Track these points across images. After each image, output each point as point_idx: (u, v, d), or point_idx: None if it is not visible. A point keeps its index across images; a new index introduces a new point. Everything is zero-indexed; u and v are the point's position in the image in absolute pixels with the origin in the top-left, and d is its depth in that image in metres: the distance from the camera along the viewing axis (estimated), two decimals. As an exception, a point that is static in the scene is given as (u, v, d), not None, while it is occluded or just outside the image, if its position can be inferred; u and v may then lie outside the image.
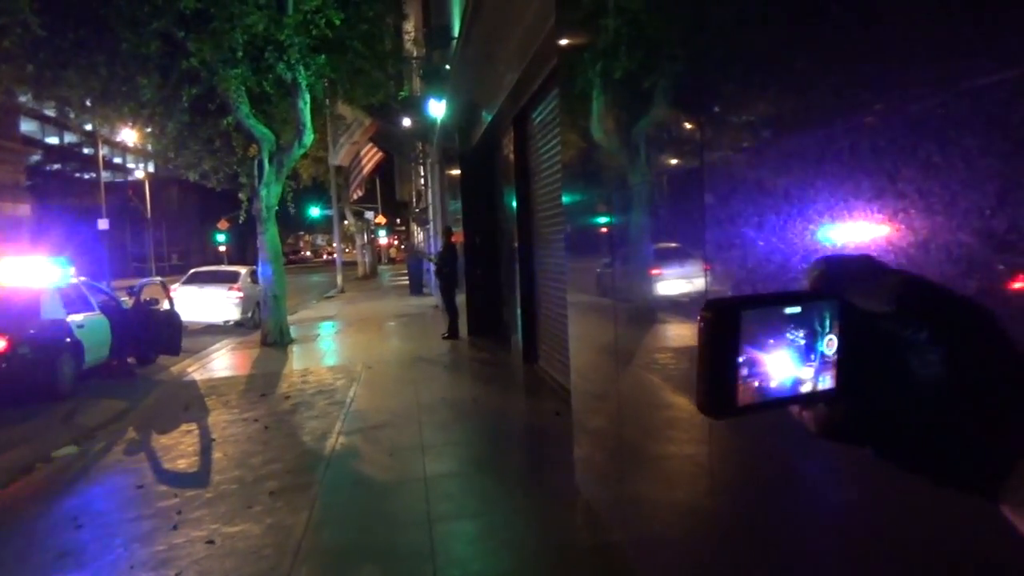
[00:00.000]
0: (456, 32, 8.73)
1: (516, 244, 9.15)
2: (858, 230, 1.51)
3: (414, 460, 5.61)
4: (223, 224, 44.37)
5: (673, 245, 2.94)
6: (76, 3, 9.66)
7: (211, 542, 4.18)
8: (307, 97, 11.82)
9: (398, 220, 65.57)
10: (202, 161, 12.59)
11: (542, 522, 4.28)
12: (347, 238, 56.14)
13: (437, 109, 11.66)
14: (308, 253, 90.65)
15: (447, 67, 10.17)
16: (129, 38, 9.62)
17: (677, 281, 2.97)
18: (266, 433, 6.78)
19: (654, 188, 3.01)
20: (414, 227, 47.66)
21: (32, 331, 8.74)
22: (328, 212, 45.48)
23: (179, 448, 6.42)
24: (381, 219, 44.91)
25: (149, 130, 11.80)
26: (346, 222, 36.48)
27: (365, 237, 40.29)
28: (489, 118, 9.39)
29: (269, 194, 12.37)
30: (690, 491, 2.96)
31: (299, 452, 6.08)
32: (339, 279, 27.48)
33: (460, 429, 6.74)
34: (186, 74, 10.61)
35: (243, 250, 60.36)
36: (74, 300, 9.89)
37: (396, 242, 71.93)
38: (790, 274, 1.84)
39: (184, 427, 7.21)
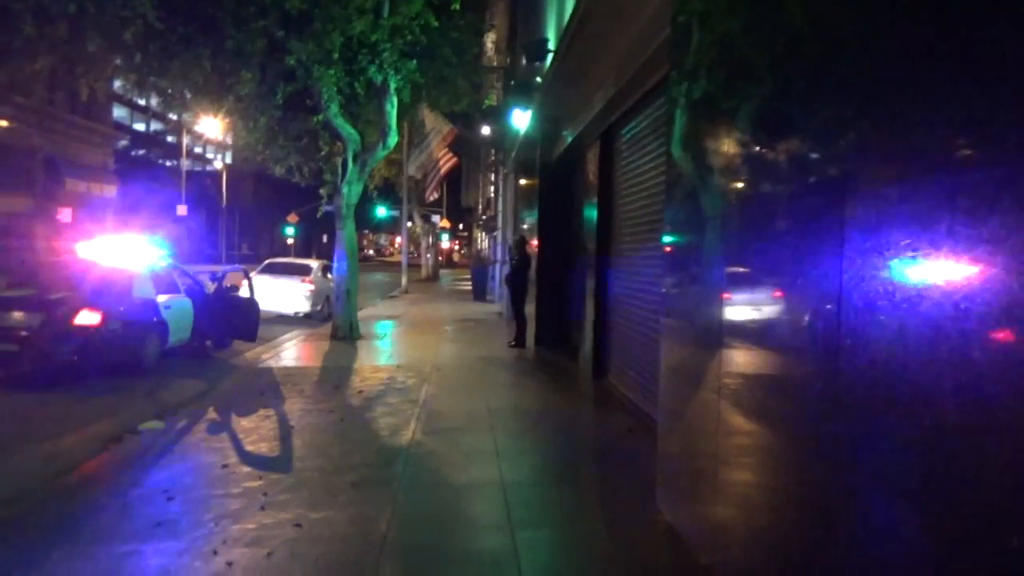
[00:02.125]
0: (553, 46, 8.81)
1: (592, 258, 9.16)
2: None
3: (490, 465, 5.66)
4: (292, 218, 45.57)
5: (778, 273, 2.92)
6: (188, 0, 10.11)
7: (299, 525, 4.30)
8: (395, 100, 12.10)
9: (460, 225, 66.30)
10: (289, 156, 12.98)
11: (624, 539, 4.28)
12: (411, 240, 56.90)
13: (521, 120, 11.78)
14: (371, 252, 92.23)
15: (538, 79, 10.28)
16: (234, 35, 10.02)
17: (790, 308, 2.95)
18: (342, 425, 6.94)
19: (782, 213, 2.99)
20: (477, 233, 48.11)
21: (123, 309, 9.13)
22: (393, 213, 46.38)
23: (259, 432, 6.62)
24: (446, 223, 45.43)
25: (241, 124, 12.18)
26: (410, 224, 36.92)
27: (430, 240, 40.77)
28: (575, 132, 9.44)
29: (350, 192, 12.68)
30: (785, 523, 2.93)
31: (376, 447, 6.21)
32: (404, 280, 27.89)
33: (533, 438, 6.77)
34: (282, 72, 10.98)
35: (309, 244, 62.03)
36: (163, 282, 10.30)
37: (458, 247, 72.65)
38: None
39: (262, 412, 7.43)
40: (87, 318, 8.55)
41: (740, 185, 3.50)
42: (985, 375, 1.78)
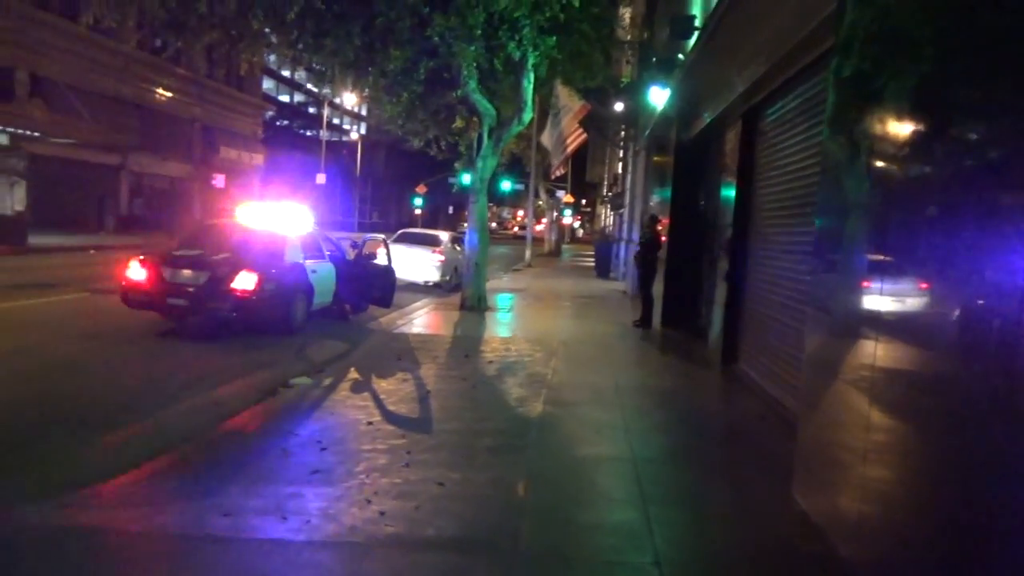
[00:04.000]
0: (699, 22, 8.62)
1: (728, 241, 8.98)
2: None
3: (619, 440, 5.76)
4: (421, 188, 47.01)
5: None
6: (341, -21, 10.62)
7: (441, 484, 4.57)
8: (531, 76, 12.23)
9: (583, 201, 66.03)
10: (427, 130, 13.40)
11: (759, 523, 4.27)
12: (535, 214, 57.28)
13: (659, 97, 11.62)
14: (494, 224, 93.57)
15: (680, 56, 10.09)
16: (385, 13, 10.44)
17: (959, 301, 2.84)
18: (475, 392, 7.23)
19: (957, 200, 2.88)
20: (601, 209, 47.82)
21: (276, 271, 9.81)
22: (517, 187, 46.84)
23: (399, 393, 7.00)
24: (569, 198, 45.42)
25: (385, 98, 12.68)
26: (539, 200, 37.18)
27: (554, 215, 40.92)
28: (716, 111, 9.23)
29: (485, 166, 12.98)
30: (932, 524, 2.86)
31: (508, 415, 6.43)
32: (528, 253, 28.23)
33: (662, 417, 6.81)
34: (425, 48, 11.33)
35: (436, 215, 63.83)
36: (310, 247, 10.97)
37: (579, 222, 72.48)
38: None
39: (400, 375, 7.83)
40: (245, 279, 9.26)
41: (909, 169, 3.37)
42: None
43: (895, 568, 3.22)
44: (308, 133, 58.71)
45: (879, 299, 3.61)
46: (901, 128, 3.58)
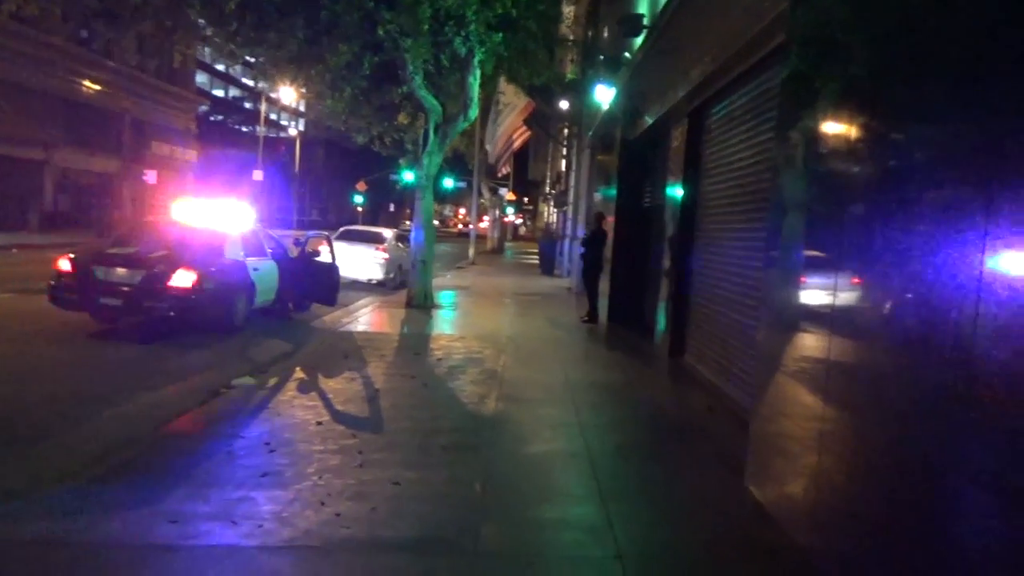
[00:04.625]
0: (647, 21, 8.70)
1: (673, 238, 9.10)
2: None
3: (574, 436, 5.76)
4: (361, 186, 46.41)
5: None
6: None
7: (397, 483, 4.48)
8: (477, 73, 12.16)
9: (526, 199, 66.27)
10: (371, 126, 13.19)
11: (716, 514, 4.32)
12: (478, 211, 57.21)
13: (604, 96, 11.69)
14: (436, 222, 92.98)
15: (626, 55, 10.17)
16: (329, 7, 10.22)
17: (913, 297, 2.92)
18: (426, 390, 7.14)
19: (913, 198, 2.95)
20: (544, 207, 48.04)
21: (216, 269, 9.51)
22: (461, 184, 46.71)
23: (347, 392, 6.86)
24: (512, 196, 45.53)
25: (327, 93, 12.42)
26: (482, 198, 37.11)
27: (496, 212, 40.96)
28: (662, 109, 9.34)
29: (430, 163, 12.85)
30: (886, 512, 2.93)
31: (461, 413, 6.37)
32: (471, 251, 28.16)
33: (614, 412, 6.85)
34: (370, 43, 11.14)
35: (376, 212, 63.10)
36: (251, 244, 10.68)
37: (522, 220, 72.73)
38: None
39: (348, 374, 7.68)
40: (183, 277, 8.95)
41: (863, 165, 3.44)
42: None
43: (848, 554, 3.29)
44: (244, 129, 57.34)
45: (829, 294, 3.68)
46: (839, 128, 3.68)
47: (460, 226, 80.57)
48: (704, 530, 4.10)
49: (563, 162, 27.57)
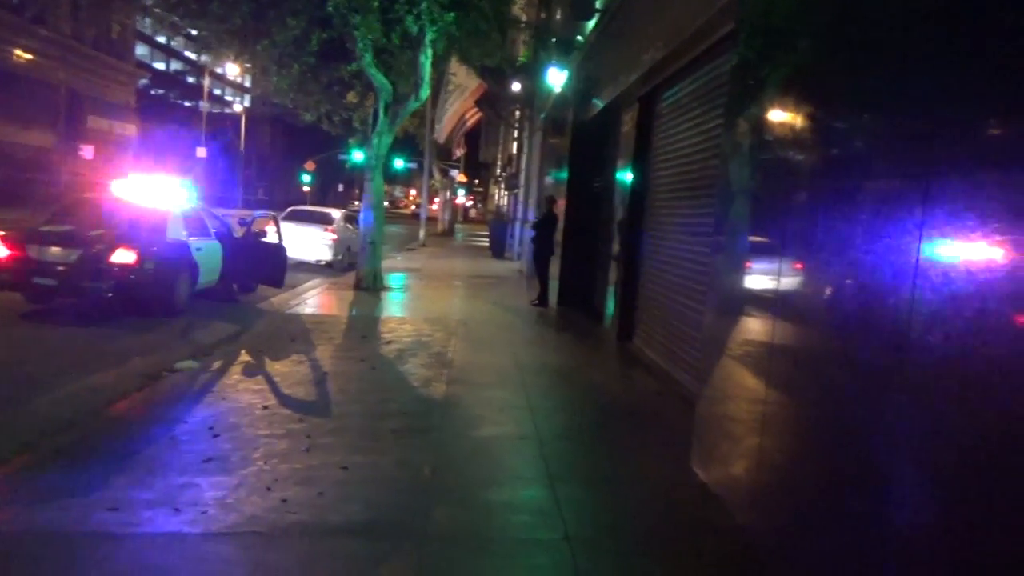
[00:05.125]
0: (601, 4, 8.70)
1: (623, 222, 9.18)
2: None
3: (523, 419, 5.78)
4: (310, 165, 45.62)
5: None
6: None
7: (345, 468, 4.44)
8: (429, 52, 12.01)
9: (476, 181, 66.00)
10: (319, 104, 12.94)
11: (661, 495, 4.40)
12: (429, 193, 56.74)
13: (557, 79, 11.67)
14: (386, 203, 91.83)
15: (578, 38, 10.16)
16: (276, -22, 9.96)
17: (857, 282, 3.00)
18: (375, 374, 7.08)
19: (854, 185, 3.02)
20: (495, 189, 47.91)
21: (156, 248, 9.24)
22: (411, 165, 46.25)
23: (295, 376, 6.76)
24: (463, 178, 45.30)
25: (273, 69, 12.12)
26: (433, 179, 36.83)
27: (448, 194, 40.72)
28: (613, 93, 9.38)
29: (380, 143, 12.67)
30: (824, 491, 3.03)
31: (411, 396, 6.34)
32: (422, 233, 27.95)
33: (563, 395, 6.91)
34: (318, 19, 10.89)
35: (325, 192, 62.04)
36: (194, 223, 10.40)
37: (473, 202, 72.44)
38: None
39: (295, 357, 7.57)
40: (122, 256, 8.67)
41: (807, 154, 3.51)
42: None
43: (789, 532, 3.39)
44: (187, 104, 55.52)
45: (773, 279, 3.77)
46: (784, 116, 3.76)
47: (413, 207, 79.88)
48: (650, 511, 4.18)
49: (514, 145, 27.52)
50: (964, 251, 2.28)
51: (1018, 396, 2.01)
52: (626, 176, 9.14)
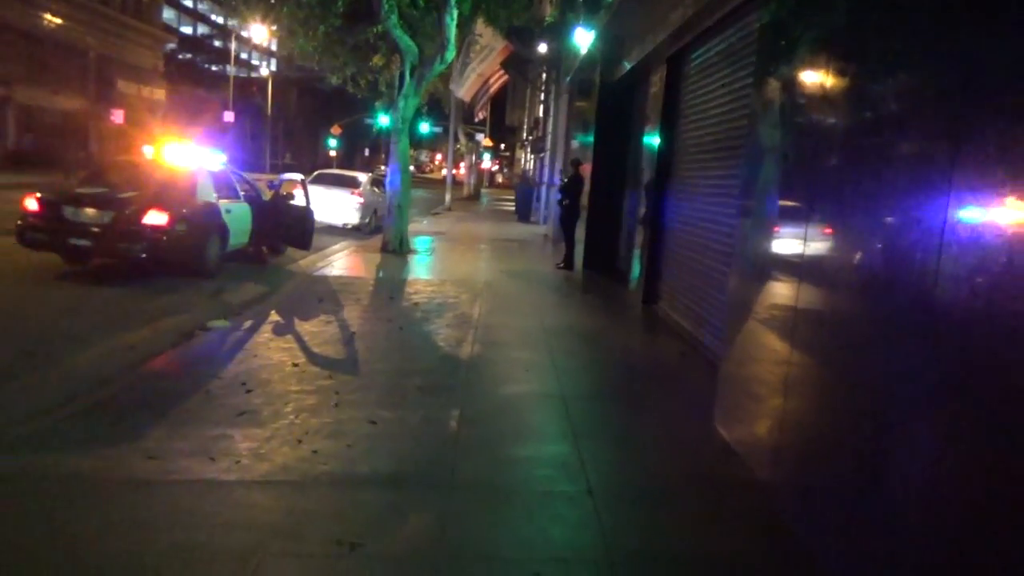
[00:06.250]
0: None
1: (649, 185, 9.12)
2: None
3: (548, 378, 5.86)
4: (336, 129, 45.62)
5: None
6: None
7: (373, 423, 4.55)
8: (454, 13, 11.90)
9: (503, 145, 65.60)
10: (345, 66, 12.92)
11: (684, 452, 4.46)
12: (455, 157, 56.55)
13: (584, 39, 11.52)
14: (412, 168, 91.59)
15: (608, -2, 10.01)
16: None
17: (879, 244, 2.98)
18: (402, 333, 7.18)
19: (881, 150, 2.99)
20: (521, 154, 47.65)
21: (188, 211, 9.37)
22: (437, 129, 46.09)
23: (323, 335, 6.88)
24: (489, 142, 45.07)
25: (300, 31, 12.10)
26: (458, 144, 36.69)
27: (473, 158, 40.56)
28: (641, 54, 9.25)
29: (406, 106, 12.65)
30: (843, 451, 3.05)
31: (437, 356, 6.43)
32: (448, 197, 27.96)
33: (588, 356, 6.96)
34: (342, -21, 10.84)
35: (352, 156, 62.10)
36: (224, 187, 10.51)
37: (499, 167, 72.05)
38: None
39: (323, 317, 7.69)
40: (155, 218, 8.81)
41: (837, 116, 3.47)
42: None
43: (807, 488, 3.43)
44: (214, 68, 55.63)
45: (800, 242, 3.75)
46: (814, 76, 3.70)
47: (444, 172, 79.73)
48: (671, 467, 4.24)
49: (540, 108, 27.28)
50: (992, 209, 2.26)
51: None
52: (653, 138, 9.05)
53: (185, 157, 10.18)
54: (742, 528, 3.53)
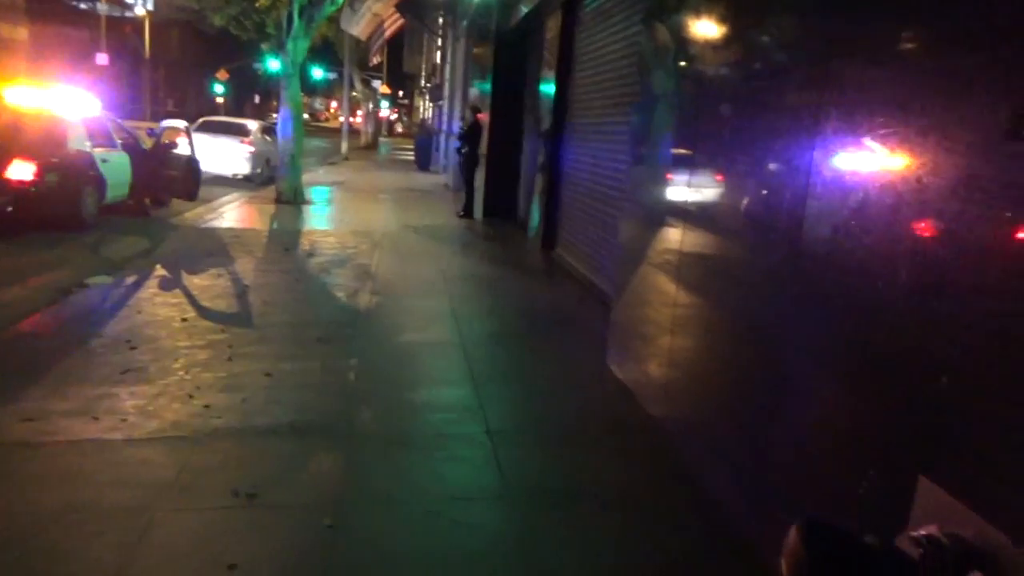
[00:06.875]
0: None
1: (547, 132, 9.17)
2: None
3: (447, 326, 5.90)
4: (222, 74, 43.25)
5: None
6: None
7: (269, 375, 4.47)
8: (345, -50, 11.42)
9: (401, 92, 63.97)
10: (229, 5, 12.22)
11: (580, 392, 4.62)
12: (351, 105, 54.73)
13: (480, -18, 11.30)
14: (306, 116, 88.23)
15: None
16: None
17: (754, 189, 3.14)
18: (298, 285, 7.03)
19: (757, 96, 3.12)
20: (420, 102, 46.69)
21: (58, 160, 8.75)
22: (331, 75, 44.43)
23: (214, 289, 6.65)
24: (386, 89, 43.91)
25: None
26: (354, 90, 35.54)
27: (370, 106, 39.46)
28: (536, 1, 9.18)
29: (296, 49, 12.13)
30: (726, 384, 3.26)
31: (335, 307, 6.35)
32: (344, 146, 27.18)
33: (487, 303, 7.03)
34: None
35: (240, 104, 58.97)
36: (99, 134, 9.85)
37: (398, 115, 70.40)
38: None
39: (213, 271, 7.41)
40: (21, 169, 8.20)
41: (718, 63, 3.59)
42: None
43: (694, 422, 3.64)
44: (83, 6, 51.22)
45: (685, 188, 3.89)
46: (701, 24, 3.79)
47: (341, 119, 76.98)
48: (568, 406, 4.39)
49: (438, 54, 26.72)
50: (850, 151, 2.42)
51: (893, 284, 2.18)
52: (550, 86, 9.07)
53: (54, 102, 9.43)
54: (634, 463, 3.71)
